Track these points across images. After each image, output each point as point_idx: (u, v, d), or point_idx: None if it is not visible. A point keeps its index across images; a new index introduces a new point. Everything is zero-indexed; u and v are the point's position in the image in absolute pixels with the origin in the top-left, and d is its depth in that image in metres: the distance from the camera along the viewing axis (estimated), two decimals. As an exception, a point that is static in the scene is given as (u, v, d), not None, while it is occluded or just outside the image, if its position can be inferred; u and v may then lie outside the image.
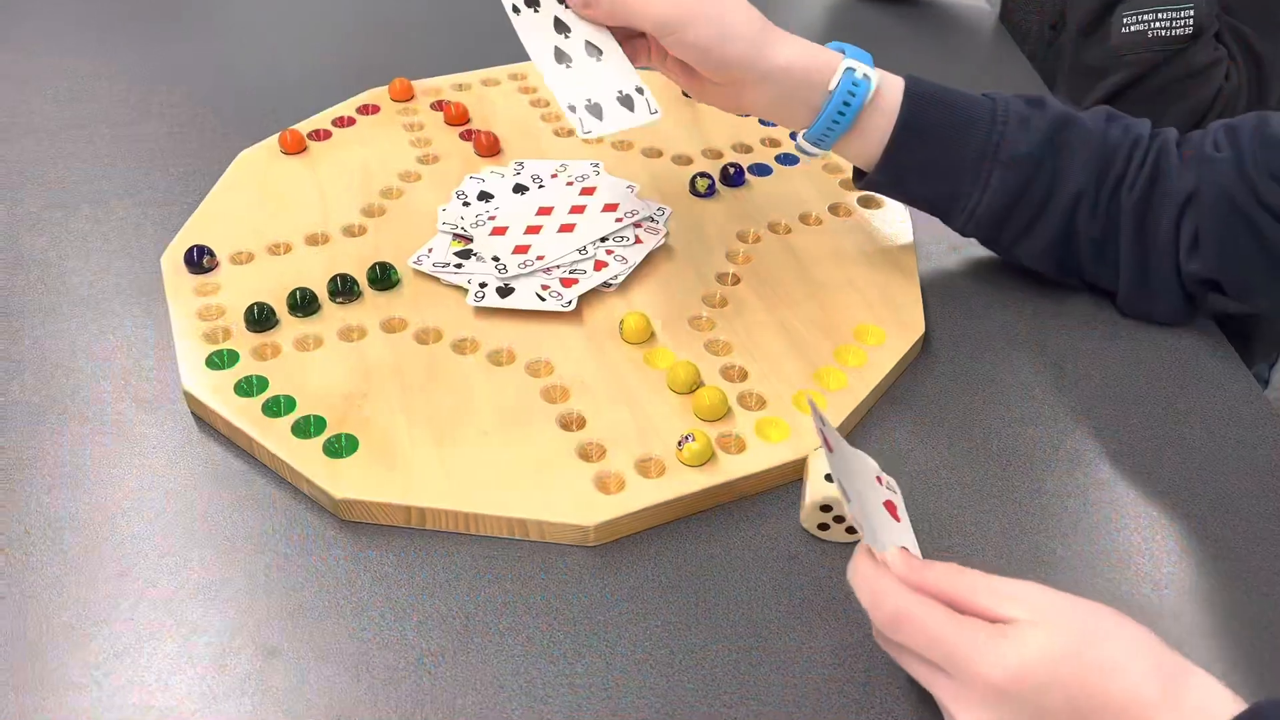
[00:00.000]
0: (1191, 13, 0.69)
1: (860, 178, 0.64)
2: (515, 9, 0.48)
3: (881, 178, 0.62)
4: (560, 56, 0.48)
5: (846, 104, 0.58)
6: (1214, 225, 0.58)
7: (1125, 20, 0.71)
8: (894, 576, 0.42)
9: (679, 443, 0.53)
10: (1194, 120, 0.71)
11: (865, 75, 0.58)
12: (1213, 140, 0.59)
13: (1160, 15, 0.69)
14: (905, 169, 0.61)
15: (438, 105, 0.81)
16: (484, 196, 0.68)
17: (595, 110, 0.49)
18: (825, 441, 0.45)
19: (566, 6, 0.55)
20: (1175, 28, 0.69)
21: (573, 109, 0.50)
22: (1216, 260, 0.59)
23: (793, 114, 0.60)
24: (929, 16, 1.02)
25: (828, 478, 0.50)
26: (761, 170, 0.75)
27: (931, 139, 0.60)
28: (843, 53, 0.59)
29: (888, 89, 0.59)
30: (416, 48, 0.92)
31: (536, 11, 0.48)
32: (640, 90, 0.54)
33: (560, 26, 0.50)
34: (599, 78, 0.49)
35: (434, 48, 0.93)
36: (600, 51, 0.49)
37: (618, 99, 0.51)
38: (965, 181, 0.61)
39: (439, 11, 0.99)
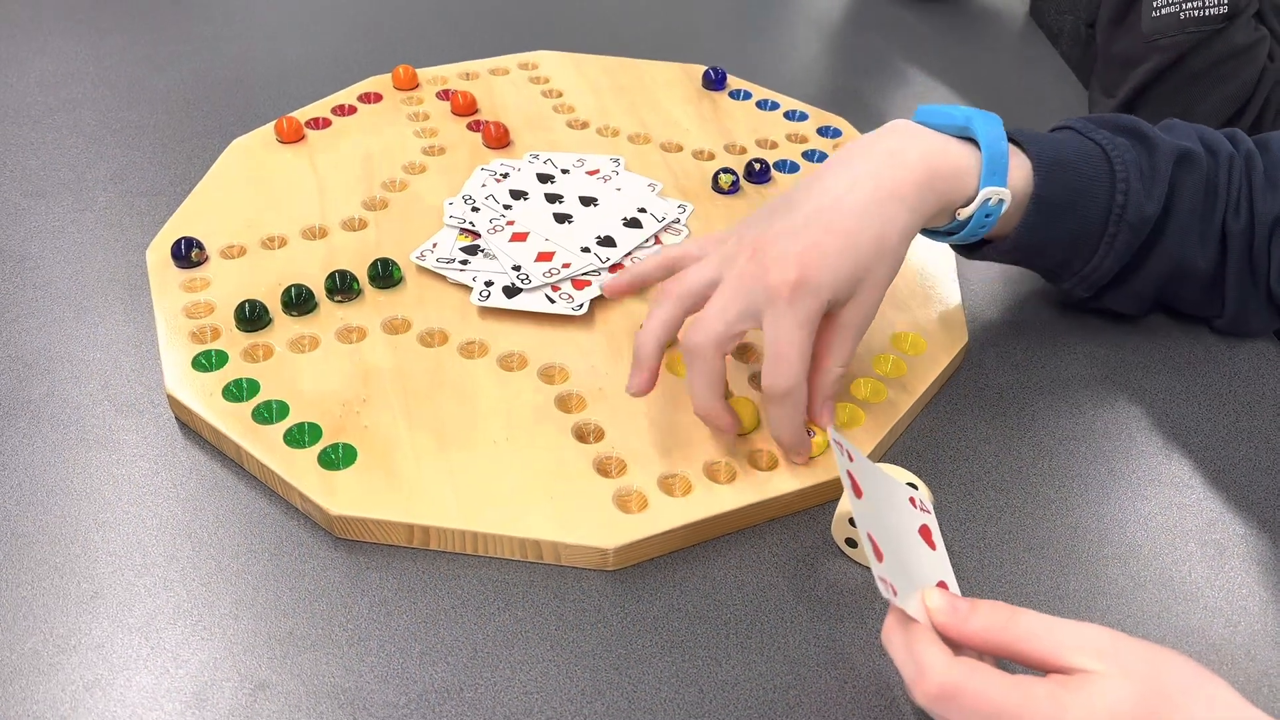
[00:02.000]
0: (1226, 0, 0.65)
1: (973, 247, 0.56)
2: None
3: (997, 254, 0.55)
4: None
5: (983, 225, 0.52)
6: None
7: (1156, 4, 0.68)
8: (934, 641, 0.37)
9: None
10: (1237, 105, 0.67)
11: (1000, 200, 0.51)
12: None
13: (1189, 3, 0.66)
14: (1033, 247, 0.54)
15: (444, 94, 0.76)
16: (516, 195, 0.64)
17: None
18: (852, 484, 0.40)
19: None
20: (1209, 7, 0.66)
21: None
22: None
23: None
24: (959, 14, 0.99)
25: (851, 522, 0.46)
26: (788, 167, 0.70)
27: (1061, 210, 0.53)
28: (976, 144, 0.51)
29: (1024, 177, 0.52)
30: (421, 35, 0.88)
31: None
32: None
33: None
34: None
35: (439, 35, 0.89)
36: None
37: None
38: (1088, 248, 0.55)
39: (444, -1, 0.95)
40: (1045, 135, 0.55)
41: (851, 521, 0.46)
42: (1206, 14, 0.66)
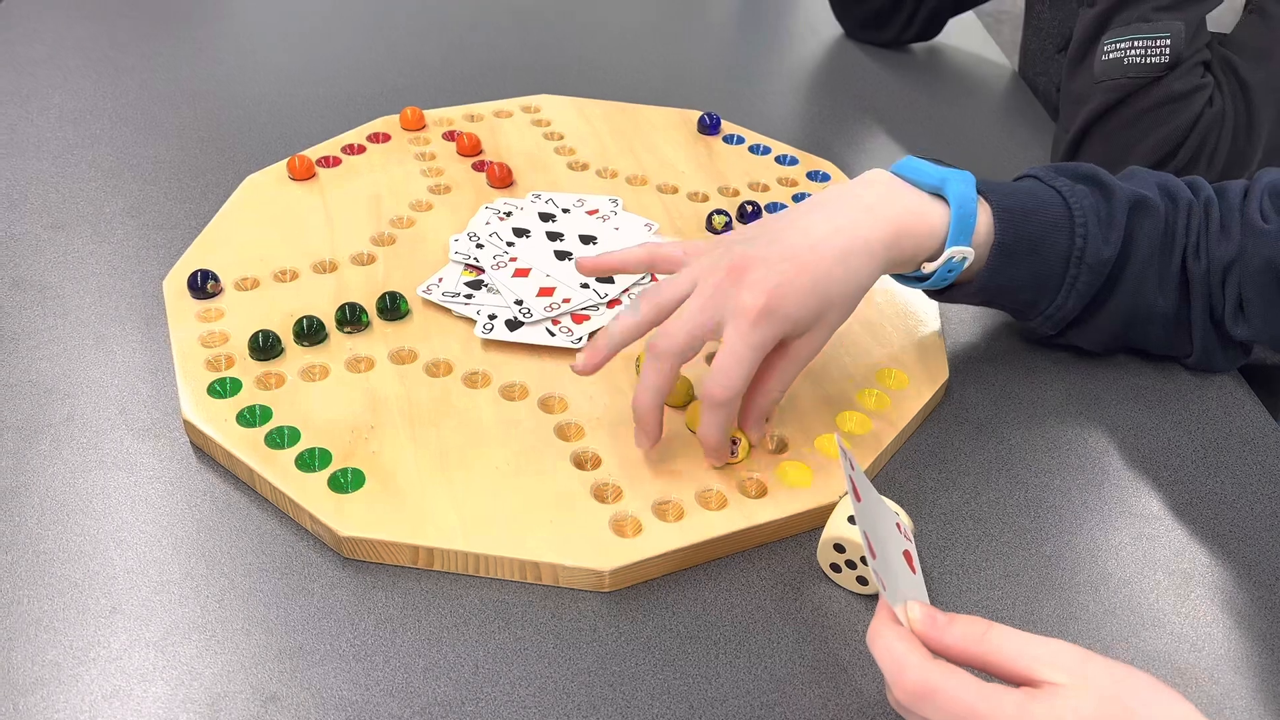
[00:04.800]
0: (1168, 43, 0.70)
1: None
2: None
3: (964, 298, 0.59)
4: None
5: (944, 280, 0.56)
6: (1260, 294, 0.57)
7: (1106, 48, 0.73)
8: (917, 644, 0.40)
9: (730, 450, 0.52)
10: (1171, 146, 0.72)
11: (964, 258, 0.55)
12: (1258, 207, 0.58)
13: (1137, 44, 0.71)
14: (995, 290, 0.58)
15: (450, 135, 0.79)
16: (519, 233, 0.67)
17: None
18: (854, 489, 0.43)
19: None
20: (1151, 56, 0.71)
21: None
22: (1264, 326, 0.58)
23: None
24: (947, 66, 1.02)
25: (850, 519, 0.48)
26: (779, 209, 0.73)
27: (1022, 256, 0.57)
28: (944, 199, 0.55)
29: (985, 226, 0.56)
30: (428, 77, 0.91)
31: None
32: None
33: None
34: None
35: (446, 78, 0.92)
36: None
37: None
38: (1050, 289, 0.58)
39: (451, 42, 0.99)
40: (1008, 185, 0.58)
41: (837, 547, 0.49)
42: (1149, 62, 0.71)
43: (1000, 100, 0.97)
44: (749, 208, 0.72)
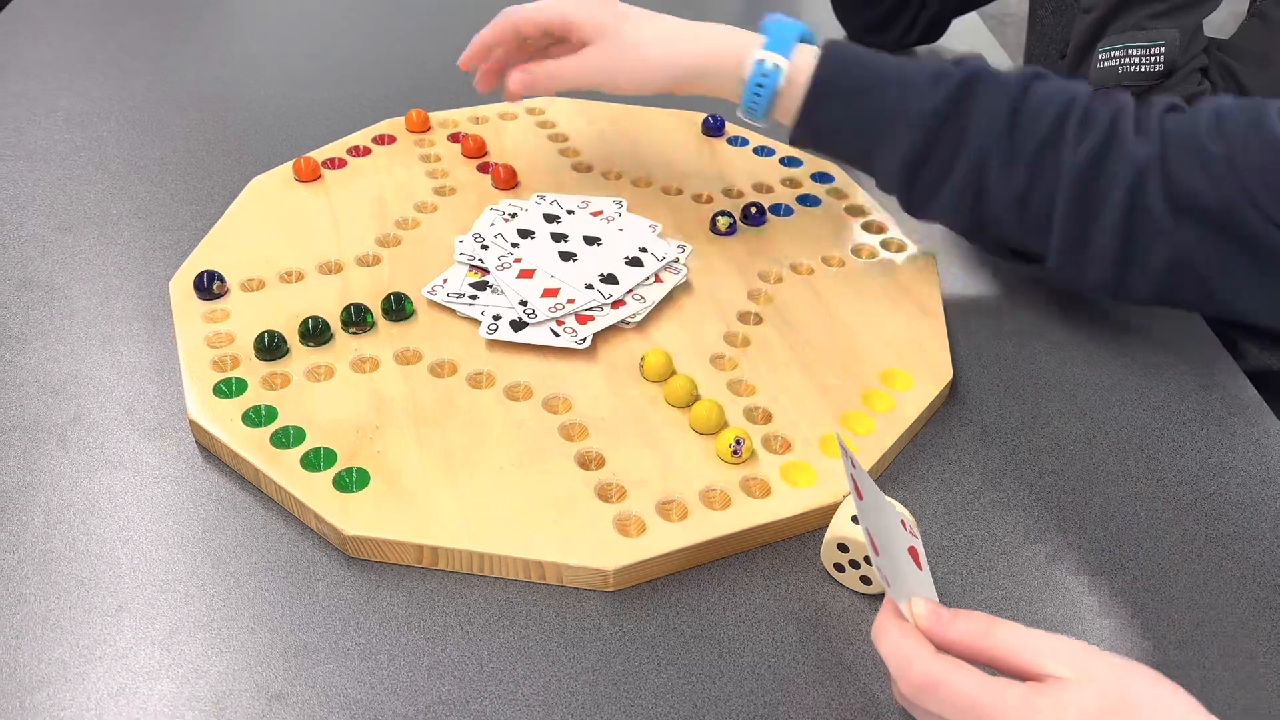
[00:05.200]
0: (1163, 51, 0.70)
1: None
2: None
3: (800, 134, 0.65)
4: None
5: (760, 89, 0.63)
6: (1201, 229, 0.56)
7: (1101, 56, 0.73)
8: (922, 638, 0.40)
9: (734, 450, 0.53)
10: None
11: (776, 65, 0.62)
12: (1207, 128, 0.56)
13: (1131, 52, 0.71)
14: (820, 129, 0.64)
15: (454, 137, 0.80)
16: (524, 234, 0.67)
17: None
18: (855, 487, 0.43)
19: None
20: (1146, 64, 0.71)
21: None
22: (1197, 262, 0.57)
23: (722, 93, 0.65)
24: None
25: (854, 519, 0.48)
26: (783, 210, 0.74)
27: (842, 100, 0.62)
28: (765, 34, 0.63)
29: (809, 60, 0.63)
30: (433, 80, 0.92)
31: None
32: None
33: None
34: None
35: (451, 80, 0.92)
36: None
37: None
38: (875, 141, 0.62)
39: (456, 44, 0.99)
40: (856, 46, 0.64)
41: (841, 547, 0.49)
42: (1143, 70, 0.71)
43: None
44: (753, 209, 0.72)
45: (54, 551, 0.49)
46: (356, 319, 0.60)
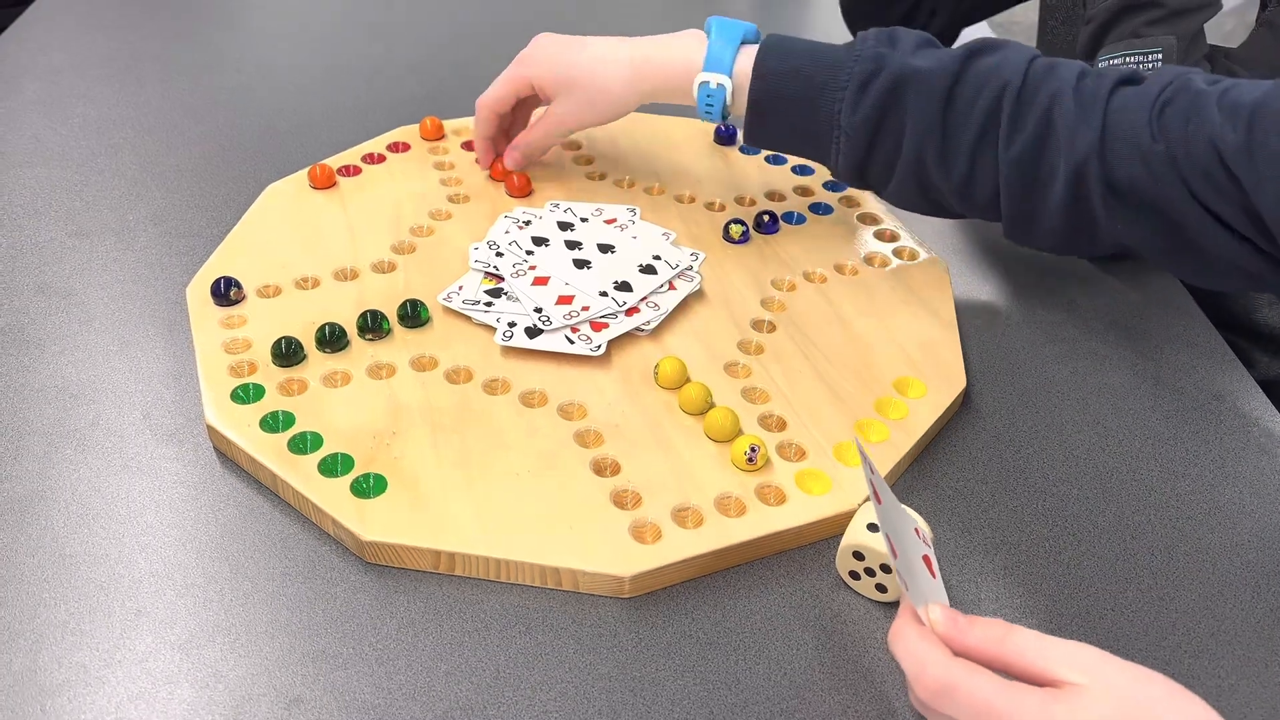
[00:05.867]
0: (1160, 57, 0.70)
1: None
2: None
3: (751, 144, 0.68)
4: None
5: (709, 107, 0.66)
6: (1135, 205, 0.58)
7: (1101, 58, 0.73)
8: (939, 642, 0.40)
9: (749, 457, 0.53)
10: None
11: (719, 84, 0.65)
12: (1150, 118, 0.56)
13: (1130, 59, 0.72)
14: (765, 141, 0.68)
15: (469, 145, 0.80)
16: (538, 242, 0.67)
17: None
18: (874, 492, 0.43)
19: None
20: (1145, 66, 0.71)
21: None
22: (1143, 246, 0.59)
23: (686, 103, 0.69)
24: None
25: (870, 526, 0.49)
26: (795, 219, 0.74)
27: (778, 115, 0.65)
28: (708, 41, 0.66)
29: (749, 71, 0.65)
30: (447, 87, 0.92)
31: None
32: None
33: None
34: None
35: (465, 88, 0.92)
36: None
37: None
38: (817, 149, 0.66)
39: (470, 52, 1.00)
40: (801, 47, 0.65)
41: (857, 555, 0.49)
42: (1143, 70, 0.71)
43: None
44: (765, 217, 0.72)
45: (73, 556, 0.50)
46: (373, 325, 0.61)
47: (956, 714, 0.39)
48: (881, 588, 0.49)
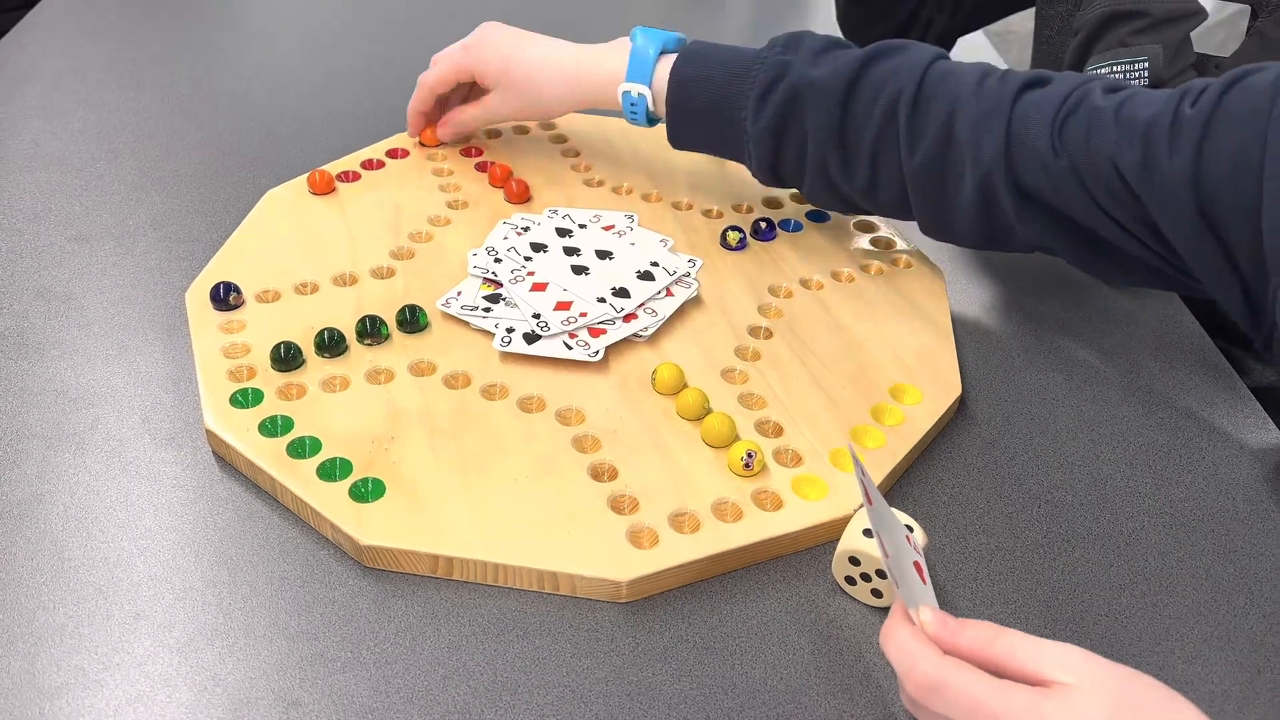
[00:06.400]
0: (1146, 66, 0.71)
1: None
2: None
3: (675, 144, 0.71)
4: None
5: (634, 114, 0.70)
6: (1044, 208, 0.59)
7: (1088, 69, 0.74)
8: (929, 641, 0.41)
9: (745, 462, 0.53)
10: None
11: (640, 93, 0.69)
12: (1052, 132, 0.57)
13: (1116, 68, 0.73)
14: (687, 145, 0.71)
15: (467, 151, 0.80)
16: (537, 248, 0.68)
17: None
18: (866, 495, 0.44)
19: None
20: (1131, 79, 0.72)
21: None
22: (1058, 249, 0.61)
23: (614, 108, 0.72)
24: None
25: (866, 532, 0.49)
26: (792, 226, 0.74)
27: (693, 121, 0.68)
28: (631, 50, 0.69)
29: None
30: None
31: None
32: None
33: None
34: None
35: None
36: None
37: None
38: (735, 151, 0.69)
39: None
40: (717, 52, 0.67)
41: (852, 560, 0.49)
42: (1129, 81, 0.72)
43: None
44: (763, 224, 0.73)
45: (72, 559, 0.50)
46: (371, 331, 0.61)
47: (947, 711, 0.39)
48: (877, 592, 0.50)
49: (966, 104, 0.59)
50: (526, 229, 0.71)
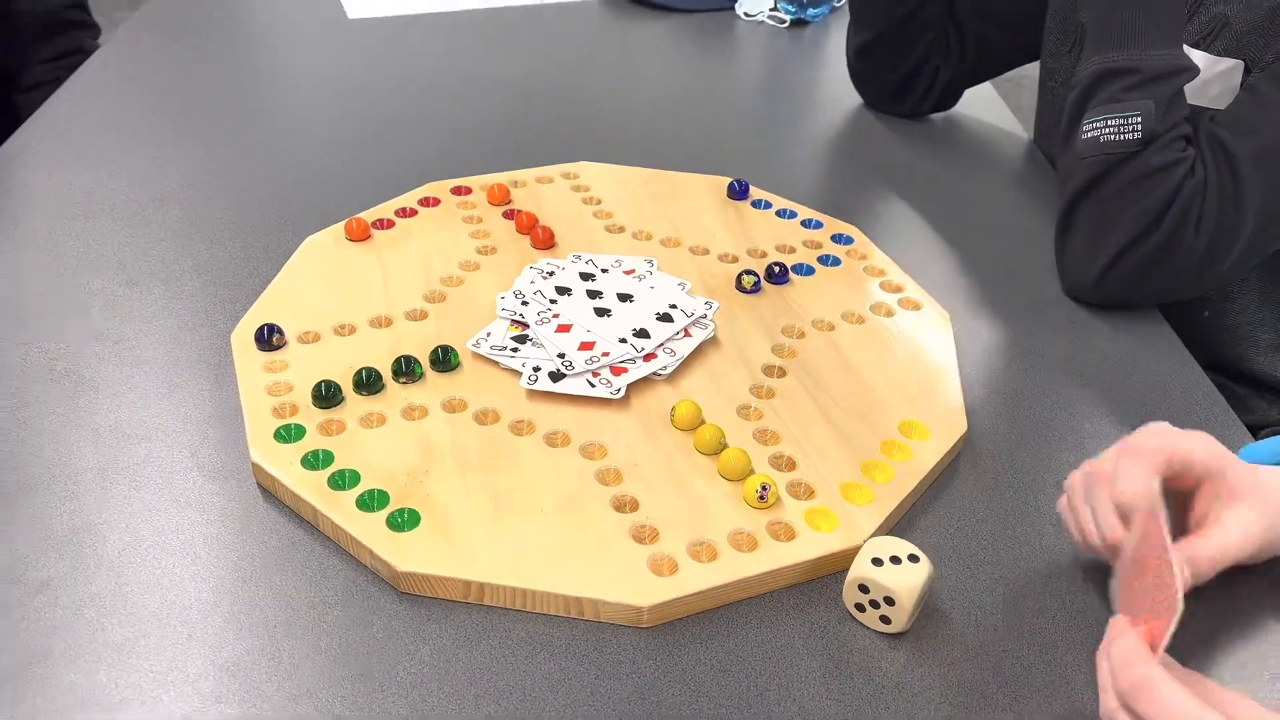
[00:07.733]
0: (1140, 120, 0.74)
1: None
2: None
3: None
4: None
5: None
6: None
7: (1085, 127, 0.77)
8: (1147, 650, 0.44)
9: (760, 495, 0.56)
10: (1152, 216, 0.75)
11: None
12: None
13: (1110, 122, 0.75)
14: None
15: (494, 197, 0.84)
16: (561, 291, 0.71)
17: None
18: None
19: None
20: (1125, 133, 0.75)
21: None
22: None
23: None
24: (963, 133, 1.07)
25: (875, 561, 0.52)
26: (804, 270, 0.78)
27: None
28: None
29: None
30: (474, 145, 0.97)
31: None
32: None
33: None
34: None
35: (491, 146, 0.97)
36: None
37: None
38: None
39: (495, 113, 1.05)
40: None
41: (862, 588, 0.52)
42: (1123, 139, 0.75)
43: (1015, 169, 1.01)
44: (776, 269, 0.76)
45: (128, 584, 0.53)
46: (406, 370, 0.65)
47: (1146, 714, 0.41)
48: (885, 619, 0.52)
49: None
50: (551, 273, 0.74)
